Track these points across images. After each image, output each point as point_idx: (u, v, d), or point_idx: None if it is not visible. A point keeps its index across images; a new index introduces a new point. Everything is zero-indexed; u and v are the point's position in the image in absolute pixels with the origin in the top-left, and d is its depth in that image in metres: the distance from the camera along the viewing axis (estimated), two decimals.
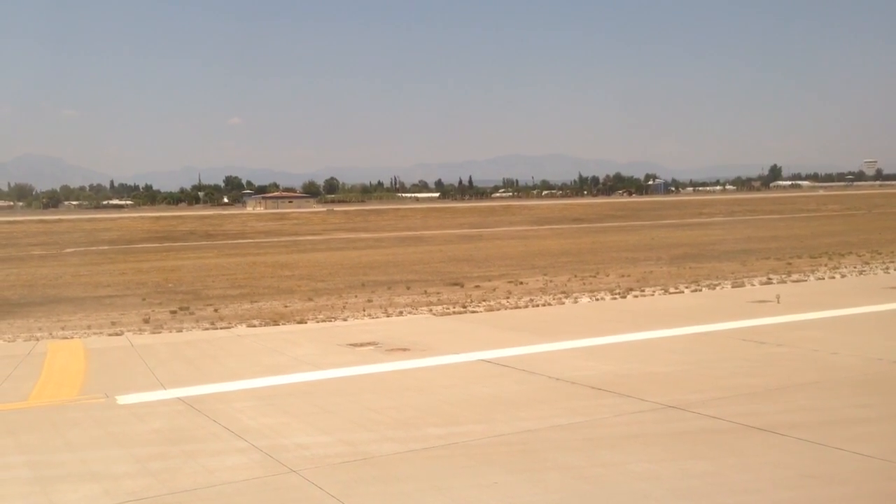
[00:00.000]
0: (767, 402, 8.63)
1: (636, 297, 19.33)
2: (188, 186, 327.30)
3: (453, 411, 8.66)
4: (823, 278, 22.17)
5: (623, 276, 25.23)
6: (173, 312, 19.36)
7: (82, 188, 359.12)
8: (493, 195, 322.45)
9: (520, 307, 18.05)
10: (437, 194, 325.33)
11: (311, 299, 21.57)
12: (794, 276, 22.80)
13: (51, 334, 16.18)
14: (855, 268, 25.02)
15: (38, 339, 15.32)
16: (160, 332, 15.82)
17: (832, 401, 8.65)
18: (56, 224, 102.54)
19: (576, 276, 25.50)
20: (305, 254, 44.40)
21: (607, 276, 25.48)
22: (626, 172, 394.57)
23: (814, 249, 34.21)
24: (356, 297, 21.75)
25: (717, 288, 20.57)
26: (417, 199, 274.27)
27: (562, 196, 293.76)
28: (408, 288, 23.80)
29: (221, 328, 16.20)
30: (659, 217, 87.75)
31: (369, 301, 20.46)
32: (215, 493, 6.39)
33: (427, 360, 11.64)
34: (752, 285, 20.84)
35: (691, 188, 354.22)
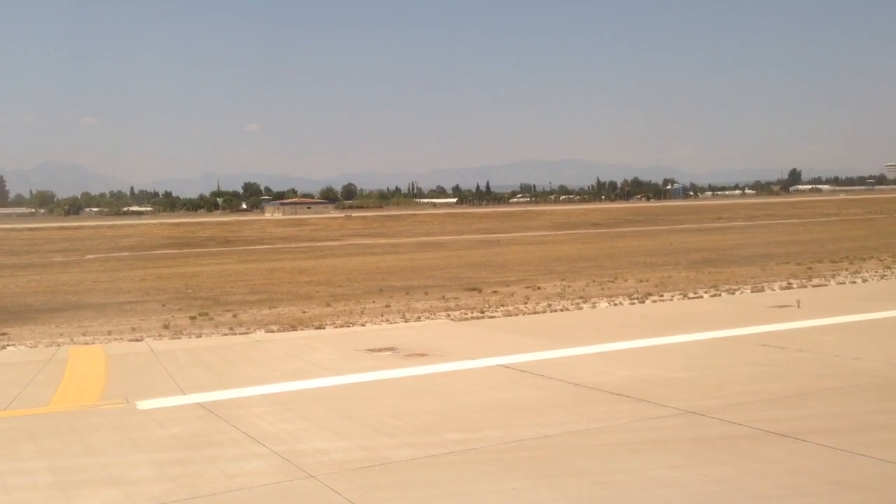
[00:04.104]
0: (788, 407, 8.55)
1: (655, 302, 19.22)
2: (207, 193, 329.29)
3: (471, 417, 8.65)
4: (844, 283, 21.95)
5: (641, 280, 25.10)
6: (193, 318, 19.46)
7: (103, 195, 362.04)
8: (511, 200, 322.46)
9: (538, 312, 18.00)
10: (454, 200, 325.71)
11: (329, 305, 21.62)
12: (815, 281, 22.59)
13: (72, 340, 16.31)
14: (876, 272, 24.75)
15: (59, 345, 15.45)
16: (180, 338, 15.91)
17: (854, 406, 8.55)
18: (77, 231, 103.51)
19: (594, 282, 25.40)
20: (323, 259, 44.54)
21: (625, 281, 25.36)
22: (644, 177, 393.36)
23: (834, 254, 33.89)
24: (374, 302, 21.78)
25: (737, 293, 20.41)
26: (435, 205, 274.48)
27: (579, 201, 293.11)
28: (425, 293, 23.81)
29: (240, 334, 16.26)
30: (677, 222, 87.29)
31: (387, 306, 20.48)
32: (234, 498, 6.41)
33: (445, 365, 11.63)
34: (773, 290, 20.65)
35: (710, 193, 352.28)
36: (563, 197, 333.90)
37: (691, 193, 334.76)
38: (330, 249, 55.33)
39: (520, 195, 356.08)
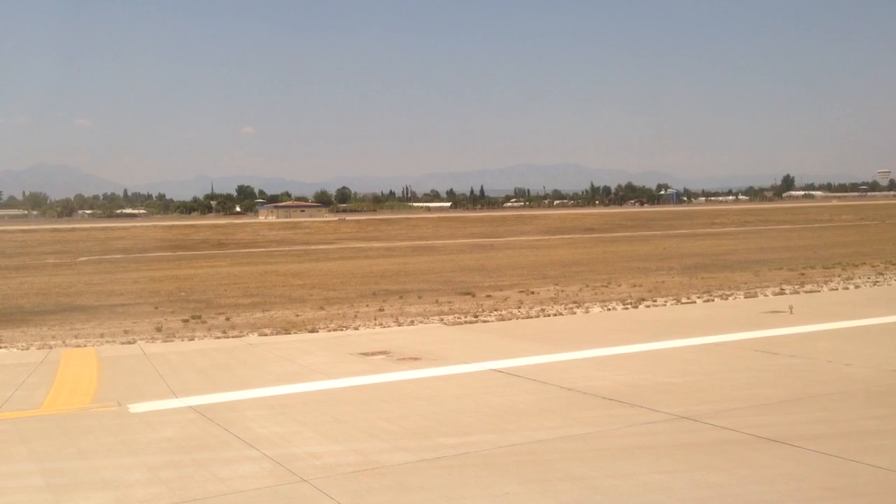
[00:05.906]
0: (781, 413, 8.57)
1: (648, 307, 19.25)
2: (201, 195, 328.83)
3: (464, 421, 8.64)
4: (837, 289, 22.01)
5: (635, 285, 25.14)
6: (185, 321, 19.41)
7: (96, 197, 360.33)
8: (505, 205, 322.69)
9: (531, 317, 18.01)
10: (448, 204, 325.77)
11: (322, 308, 21.59)
12: (808, 287, 22.65)
13: (64, 342, 16.24)
14: (869, 278, 24.83)
15: (51, 348, 15.39)
16: (172, 341, 15.86)
17: (846, 412, 8.58)
18: (70, 233, 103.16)
19: (587, 286, 25.42)
20: (317, 263, 44.49)
21: (619, 285, 25.39)
22: (637, 182, 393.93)
23: (827, 260, 33.99)
24: (367, 306, 21.75)
25: (730, 298, 20.46)
26: (429, 209, 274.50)
27: (573, 206, 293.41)
28: (419, 297, 23.80)
29: (233, 337, 16.23)
30: (671, 227, 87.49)
31: (381, 310, 20.46)
32: (227, 502, 6.39)
33: (438, 369, 11.63)
34: (765, 296, 20.71)
35: (703, 198, 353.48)
36: (557, 202, 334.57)
37: (685, 199, 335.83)
38: (324, 253, 55.29)
39: (514, 199, 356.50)
